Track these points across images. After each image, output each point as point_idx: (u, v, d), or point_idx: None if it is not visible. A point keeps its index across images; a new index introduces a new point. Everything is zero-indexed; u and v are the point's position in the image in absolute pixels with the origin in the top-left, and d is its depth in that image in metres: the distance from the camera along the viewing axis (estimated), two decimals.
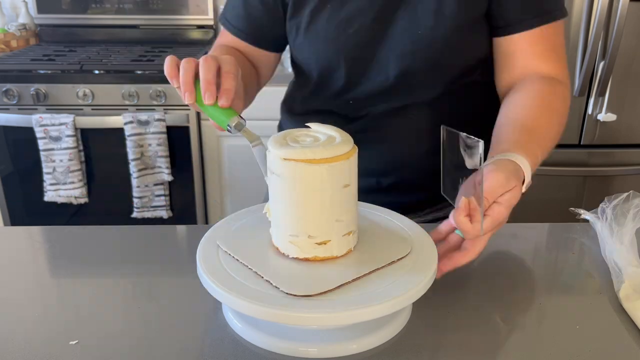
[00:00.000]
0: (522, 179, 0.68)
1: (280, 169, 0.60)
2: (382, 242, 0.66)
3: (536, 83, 0.83)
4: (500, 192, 0.64)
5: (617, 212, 0.77)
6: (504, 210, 0.64)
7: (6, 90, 1.94)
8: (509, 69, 0.87)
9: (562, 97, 0.84)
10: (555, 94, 0.83)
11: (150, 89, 1.94)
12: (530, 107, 0.80)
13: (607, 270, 0.74)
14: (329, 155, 0.59)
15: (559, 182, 2.01)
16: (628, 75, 1.91)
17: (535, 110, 0.80)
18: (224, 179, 2.12)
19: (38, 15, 2.39)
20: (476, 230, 0.62)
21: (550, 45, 0.86)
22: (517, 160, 0.68)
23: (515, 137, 0.75)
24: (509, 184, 0.64)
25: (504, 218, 0.65)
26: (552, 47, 0.86)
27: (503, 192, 0.64)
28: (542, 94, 0.82)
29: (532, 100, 0.81)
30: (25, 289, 0.72)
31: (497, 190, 0.63)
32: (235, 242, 0.66)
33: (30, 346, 0.60)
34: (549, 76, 0.85)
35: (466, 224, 0.62)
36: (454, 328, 0.64)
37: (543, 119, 0.80)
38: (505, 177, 0.64)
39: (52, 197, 2.02)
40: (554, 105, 0.82)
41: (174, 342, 0.61)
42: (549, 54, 0.86)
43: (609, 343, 0.62)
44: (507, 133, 0.77)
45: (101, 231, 0.87)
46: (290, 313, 0.54)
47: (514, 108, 0.82)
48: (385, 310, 0.56)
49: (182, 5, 2.38)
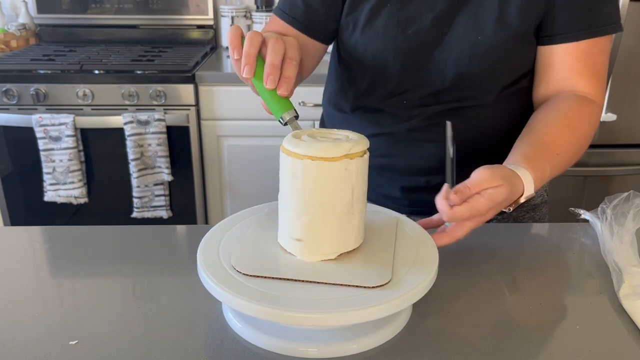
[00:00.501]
0: (520, 189, 0.71)
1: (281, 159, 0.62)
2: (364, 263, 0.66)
3: (566, 100, 0.84)
4: (485, 185, 0.67)
5: (617, 212, 0.77)
6: (485, 202, 0.66)
7: (6, 90, 1.94)
8: (547, 81, 0.88)
9: (589, 118, 0.84)
10: (582, 114, 0.83)
11: (150, 89, 1.94)
12: (550, 124, 0.81)
13: (607, 270, 0.74)
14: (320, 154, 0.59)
15: (559, 182, 2.01)
16: (628, 75, 1.91)
17: (554, 127, 0.81)
18: (224, 179, 2.12)
19: (38, 15, 2.39)
20: (455, 212, 0.65)
21: (591, 63, 0.85)
22: (518, 171, 0.71)
23: (525, 149, 0.77)
24: (494, 181, 0.67)
25: (485, 210, 0.67)
26: (592, 64, 0.85)
27: (487, 187, 0.67)
28: (568, 112, 0.82)
29: (554, 117, 0.82)
30: (25, 289, 0.72)
31: (482, 183, 0.67)
32: (242, 249, 0.66)
33: (30, 346, 0.60)
34: (583, 95, 0.85)
35: (444, 205, 0.65)
36: (453, 328, 0.64)
37: (561, 136, 0.80)
38: (491, 175, 0.67)
39: (52, 197, 2.02)
40: (576, 124, 0.83)
41: (174, 342, 0.61)
42: (588, 72, 0.85)
43: (609, 343, 0.62)
44: (520, 146, 0.79)
45: (101, 231, 0.87)
46: (290, 313, 0.54)
47: (535, 123, 0.83)
48: (385, 311, 0.56)
49: (182, 5, 2.38)
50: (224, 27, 2.40)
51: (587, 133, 0.84)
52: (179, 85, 1.96)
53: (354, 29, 0.89)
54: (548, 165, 0.76)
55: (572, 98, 0.84)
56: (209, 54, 2.32)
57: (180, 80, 1.96)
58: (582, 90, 0.85)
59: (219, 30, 2.45)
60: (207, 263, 0.61)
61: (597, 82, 0.86)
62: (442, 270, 0.64)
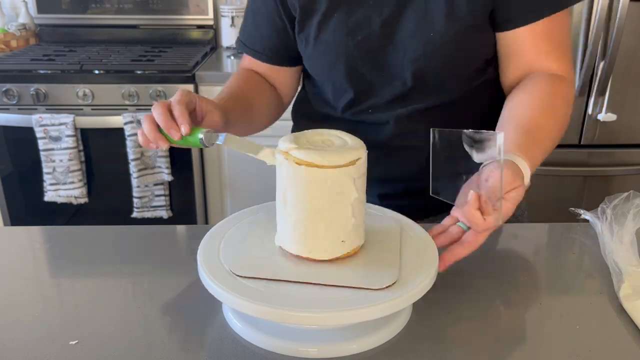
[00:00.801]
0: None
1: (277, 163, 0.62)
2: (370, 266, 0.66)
3: (540, 82, 0.83)
4: (508, 189, 0.65)
5: (617, 212, 0.77)
6: (511, 207, 0.65)
7: (6, 90, 1.94)
8: (514, 66, 0.86)
9: (565, 97, 0.84)
10: (559, 94, 0.83)
11: (150, 89, 1.94)
12: (532, 107, 0.80)
13: (607, 270, 0.74)
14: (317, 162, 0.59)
15: (559, 182, 2.01)
16: (628, 75, 1.91)
17: (537, 111, 0.80)
18: (224, 179, 2.12)
19: (38, 15, 2.39)
20: (489, 222, 0.63)
21: (555, 41, 0.85)
22: (518, 162, 0.69)
23: (516, 137, 0.75)
24: (515, 182, 0.65)
25: (511, 213, 0.66)
26: (557, 43, 0.85)
27: (509, 189, 0.65)
28: (545, 94, 0.81)
29: (534, 100, 0.81)
30: (25, 289, 0.72)
31: (505, 187, 0.64)
32: (240, 249, 0.66)
33: (30, 346, 0.60)
34: (554, 74, 0.84)
35: (478, 217, 0.63)
36: (454, 328, 0.64)
37: (544, 120, 0.79)
38: (512, 175, 0.65)
39: (52, 197, 2.02)
40: (556, 105, 0.82)
41: (174, 342, 0.61)
42: (554, 50, 0.85)
43: (609, 343, 0.62)
44: (508, 132, 0.77)
45: (101, 231, 0.87)
46: (290, 313, 0.54)
47: (515, 107, 0.81)
48: (385, 310, 0.56)
49: (182, 5, 2.38)
50: (224, 27, 2.39)
51: (565, 112, 0.84)
52: (179, 85, 1.96)
53: (307, 45, 0.90)
54: (539, 151, 0.75)
55: (545, 78, 0.83)
56: (209, 54, 2.32)
57: (180, 80, 1.96)
58: (551, 69, 0.84)
59: (219, 30, 2.45)
60: (207, 263, 0.61)
61: (564, 58, 0.85)
62: None
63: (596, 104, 1.94)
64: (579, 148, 2.01)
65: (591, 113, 1.95)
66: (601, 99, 1.93)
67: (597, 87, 1.90)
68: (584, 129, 1.98)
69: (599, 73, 1.88)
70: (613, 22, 1.79)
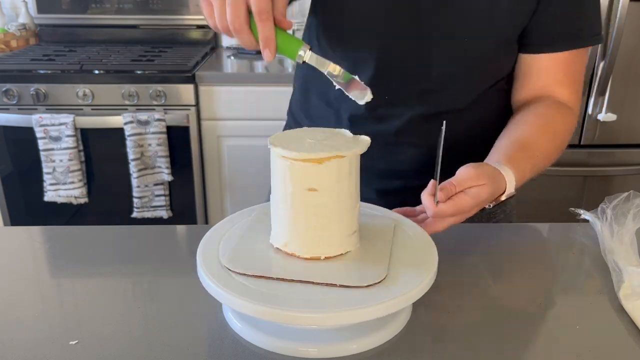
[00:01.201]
0: (502, 187, 0.72)
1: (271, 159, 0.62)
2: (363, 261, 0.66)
3: (548, 106, 0.86)
4: (469, 184, 0.68)
5: (617, 212, 0.77)
6: (469, 200, 0.68)
7: (6, 90, 1.94)
8: (528, 87, 0.89)
9: (567, 124, 0.87)
10: (562, 121, 0.86)
11: (150, 89, 1.94)
12: (533, 127, 0.83)
13: (607, 270, 0.74)
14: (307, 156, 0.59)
15: (559, 182, 2.01)
16: (628, 75, 1.91)
17: (536, 130, 0.83)
18: (224, 179, 2.13)
19: (38, 15, 2.39)
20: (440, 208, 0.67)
21: (571, 73, 0.88)
22: (502, 169, 0.73)
23: (508, 151, 0.79)
24: (479, 180, 0.69)
25: (469, 208, 0.69)
26: (573, 74, 0.88)
27: (472, 185, 0.68)
28: (550, 118, 0.85)
29: (537, 122, 0.84)
30: (25, 289, 0.72)
31: (467, 181, 0.68)
32: (237, 248, 0.66)
33: (30, 346, 0.60)
34: (563, 102, 0.87)
35: (431, 201, 0.67)
36: (453, 328, 0.64)
37: (541, 139, 0.83)
38: (477, 173, 0.69)
39: (52, 197, 2.03)
40: (557, 130, 0.85)
41: (174, 342, 0.61)
42: (568, 81, 0.88)
43: (609, 343, 0.62)
44: (502, 146, 0.81)
45: (101, 231, 0.87)
46: (290, 313, 0.54)
47: (516, 125, 0.85)
48: (384, 310, 0.56)
49: (182, 5, 2.38)
50: None
51: (565, 138, 0.87)
52: (179, 85, 1.96)
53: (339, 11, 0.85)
54: (529, 166, 0.78)
55: (552, 104, 0.86)
56: (209, 54, 2.32)
57: (180, 80, 1.96)
58: (561, 97, 0.87)
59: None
60: (206, 263, 0.61)
61: (575, 90, 0.89)
62: (442, 270, 0.64)
63: (596, 104, 1.94)
64: (579, 148, 2.01)
65: (591, 113, 1.95)
66: (601, 99, 1.93)
67: (597, 87, 1.90)
68: (584, 129, 1.98)
69: (599, 73, 1.88)
70: (613, 22, 1.79)
